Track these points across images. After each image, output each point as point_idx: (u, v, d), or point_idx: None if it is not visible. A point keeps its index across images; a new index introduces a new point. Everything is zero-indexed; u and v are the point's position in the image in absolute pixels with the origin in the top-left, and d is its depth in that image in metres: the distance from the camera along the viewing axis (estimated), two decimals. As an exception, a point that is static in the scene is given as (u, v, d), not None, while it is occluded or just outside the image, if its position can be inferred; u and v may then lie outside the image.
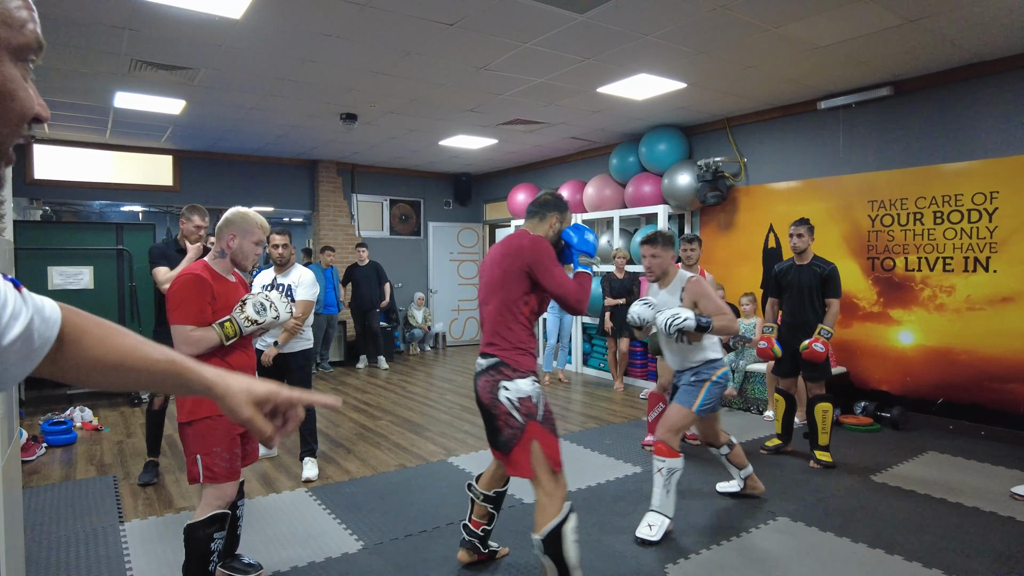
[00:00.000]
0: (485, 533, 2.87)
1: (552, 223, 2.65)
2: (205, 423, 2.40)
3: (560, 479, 2.39)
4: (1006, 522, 3.35)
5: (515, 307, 2.48)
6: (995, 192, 4.76)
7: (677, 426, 3.23)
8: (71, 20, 3.92)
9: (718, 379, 3.26)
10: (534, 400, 2.41)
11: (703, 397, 3.22)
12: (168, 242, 4.03)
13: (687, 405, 3.24)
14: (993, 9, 3.82)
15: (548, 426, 2.43)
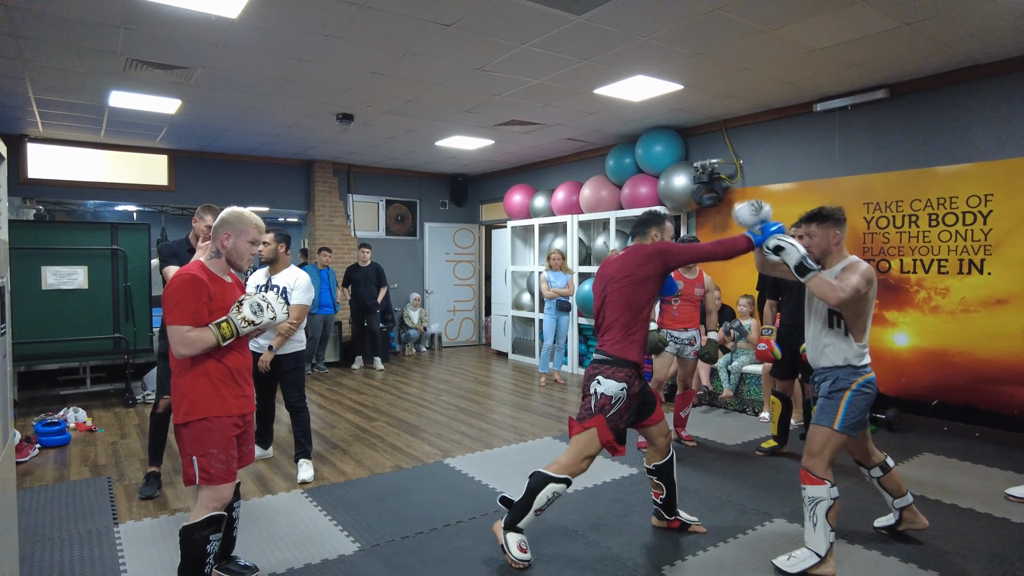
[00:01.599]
0: (663, 502, 3.22)
1: (652, 236, 3.14)
2: (201, 424, 2.39)
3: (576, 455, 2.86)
4: (1001, 523, 3.37)
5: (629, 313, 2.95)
6: (989, 195, 4.79)
7: (819, 449, 2.81)
8: (66, 18, 3.90)
9: (859, 387, 2.80)
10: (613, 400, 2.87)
11: (844, 411, 2.77)
12: (179, 241, 3.99)
13: (827, 423, 2.79)
14: (988, 13, 3.84)
15: (611, 425, 2.87)
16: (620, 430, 2.89)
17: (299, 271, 4.26)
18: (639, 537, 3.24)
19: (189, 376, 2.39)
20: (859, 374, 2.81)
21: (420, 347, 10.07)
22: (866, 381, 2.82)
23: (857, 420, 2.79)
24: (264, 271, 4.27)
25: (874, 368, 5.47)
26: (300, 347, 4.28)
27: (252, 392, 2.61)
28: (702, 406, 6.12)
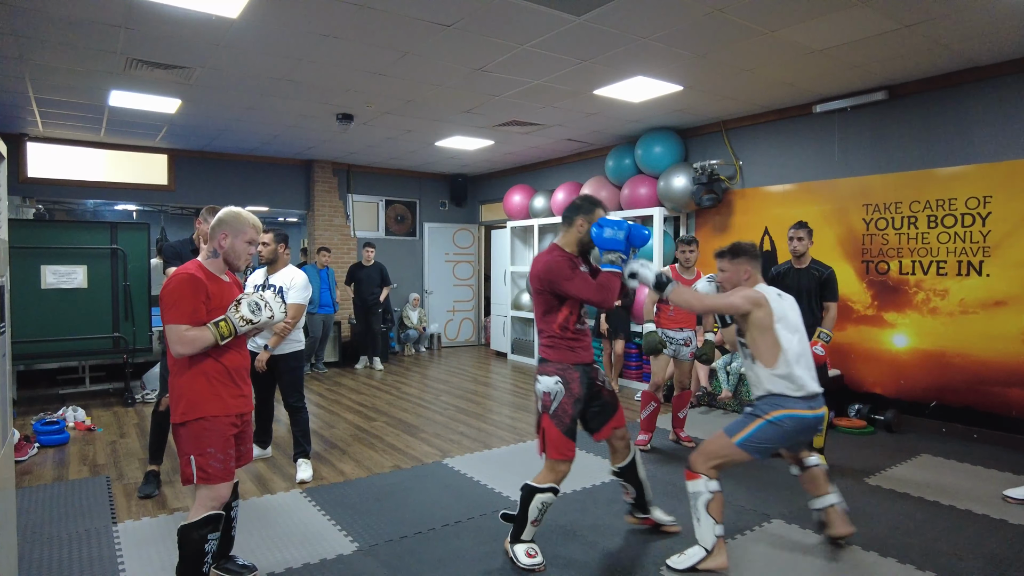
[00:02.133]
0: (635, 501, 3.28)
1: (579, 226, 2.99)
2: (199, 424, 2.39)
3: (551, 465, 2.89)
4: (999, 525, 3.37)
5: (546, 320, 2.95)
6: (988, 196, 4.79)
7: (710, 452, 2.84)
8: (67, 18, 3.90)
9: (775, 419, 2.74)
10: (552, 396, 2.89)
11: (750, 433, 2.76)
12: (183, 241, 4.00)
13: (730, 434, 2.82)
14: (987, 14, 3.85)
15: (557, 421, 2.87)
16: (567, 426, 2.86)
17: (296, 270, 4.27)
18: (637, 537, 3.24)
19: (187, 375, 2.40)
20: (778, 405, 2.75)
21: (419, 347, 10.07)
22: (785, 416, 2.73)
23: (763, 447, 2.77)
24: (262, 271, 4.28)
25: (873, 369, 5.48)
26: (299, 347, 4.29)
27: (250, 391, 2.61)
28: (701, 407, 6.13)
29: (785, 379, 2.77)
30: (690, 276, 4.81)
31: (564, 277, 2.82)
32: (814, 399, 2.81)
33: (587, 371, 2.99)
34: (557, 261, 2.88)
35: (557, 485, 2.89)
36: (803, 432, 2.81)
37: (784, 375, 2.77)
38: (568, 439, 2.87)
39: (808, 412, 2.77)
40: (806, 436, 2.88)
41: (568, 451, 2.87)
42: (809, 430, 2.83)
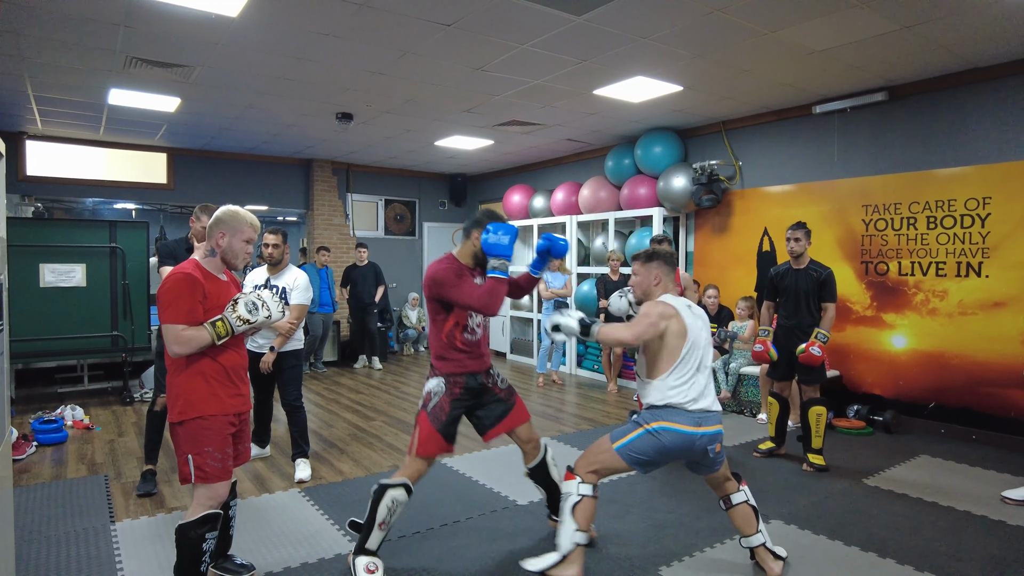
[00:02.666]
0: (549, 503, 3.30)
1: (474, 239, 3.02)
2: (196, 423, 2.38)
3: (412, 461, 2.86)
4: (997, 525, 3.37)
5: (435, 326, 2.98)
6: (988, 198, 4.79)
7: (593, 455, 2.74)
8: (66, 16, 3.90)
9: (655, 430, 2.60)
10: (433, 394, 2.93)
11: (629, 440, 2.64)
12: (178, 240, 3.98)
13: (612, 439, 2.71)
14: (987, 16, 3.85)
15: (432, 418, 2.87)
16: (443, 424, 2.86)
17: (298, 271, 4.27)
18: (636, 538, 3.24)
19: (184, 375, 2.39)
20: (660, 417, 2.61)
21: (418, 347, 10.07)
22: (664, 429, 2.59)
23: (640, 459, 2.62)
24: (263, 270, 4.27)
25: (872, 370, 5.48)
26: (298, 346, 4.30)
27: (248, 391, 2.61)
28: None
29: (673, 391, 2.63)
30: None
31: (450, 284, 2.83)
32: (705, 416, 2.63)
33: (475, 376, 2.98)
34: (444, 269, 2.89)
35: (412, 483, 2.83)
36: (685, 450, 2.62)
37: (673, 386, 2.64)
38: (440, 437, 2.85)
39: (692, 428, 2.59)
40: (691, 456, 2.67)
41: (434, 448, 2.84)
42: (693, 450, 2.62)
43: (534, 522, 3.43)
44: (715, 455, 2.68)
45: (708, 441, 2.63)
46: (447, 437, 2.89)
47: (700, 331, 2.74)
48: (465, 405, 2.98)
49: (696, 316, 2.77)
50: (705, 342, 2.75)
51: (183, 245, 3.89)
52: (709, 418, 2.65)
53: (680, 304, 2.75)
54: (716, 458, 2.70)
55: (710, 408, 2.67)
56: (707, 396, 2.69)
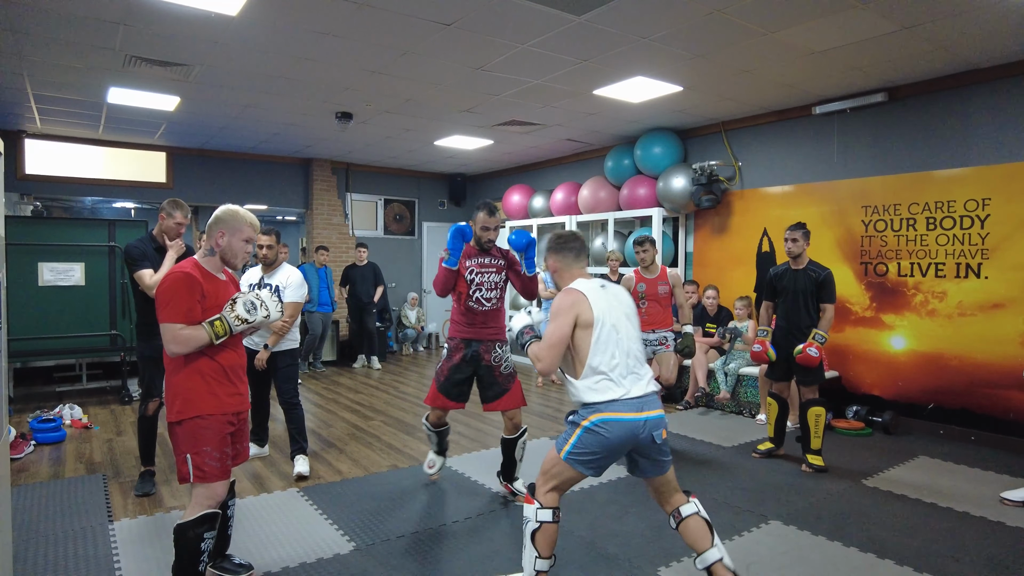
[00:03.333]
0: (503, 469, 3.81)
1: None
2: (195, 422, 2.38)
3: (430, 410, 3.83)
4: (996, 527, 3.37)
5: None
6: (987, 199, 4.79)
7: (544, 470, 2.55)
8: (66, 14, 3.89)
9: (591, 424, 2.39)
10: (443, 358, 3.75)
11: (573, 443, 2.43)
12: (144, 239, 3.65)
13: (557, 447, 2.51)
14: (987, 17, 3.85)
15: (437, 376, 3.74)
16: (441, 383, 3.68)
17: (292, 269, 4.30)
18: (635, 538, 3.23)
19: (183, 374, 2.39)
20: (593, 411, 2.40)
21: (417, 346, 10.07)
22: (600, 420, 2.37)
23: (589, 459, 2.42)
24: (258, 269, 4.28)
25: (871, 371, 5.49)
26: (293, 344, 4.31)
27: (246, 390, 2.60)
28: (699, 408, 6.12)
29: (601, 383, 2.42)
30: (652, 275, 4.81)
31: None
32: (645, 400, 2.42)
33: (475, 346, 3.63)
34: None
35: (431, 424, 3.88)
36: (630, 440, 2.40)
37: (594, 378, 2.43)
38: (439, 394, 3.68)
39: (635, 415, 2.38)
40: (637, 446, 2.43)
41: (436, 401, 3.70)
42: (638, 439, 2.40)
43: (533, 522, 3.43)
44: (663, 442, 2.45)
45: (653, 426, 2.41)
46: (447, 394, 3.68)
47: (612, 308, 2.51)
48: (465, 372, 3.65)
49: (611, 293, 2.56)
50: (625, 317, 2.53)
51: (151, 244, 3.63)
52: (650, 402, 2.44)
53: (589, 286, 2.54)
54: (663, 447, 2.46)
55: (646, 391, 2.44)
56: (640, 378, 2.47)
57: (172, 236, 3.59)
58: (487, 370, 3.64)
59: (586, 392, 2.43)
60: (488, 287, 3.64)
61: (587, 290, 2.52)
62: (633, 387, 2.44)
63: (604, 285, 2.59)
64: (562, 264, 2.69)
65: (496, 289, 3.69)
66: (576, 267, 2.68)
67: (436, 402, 3.69)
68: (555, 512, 2.55)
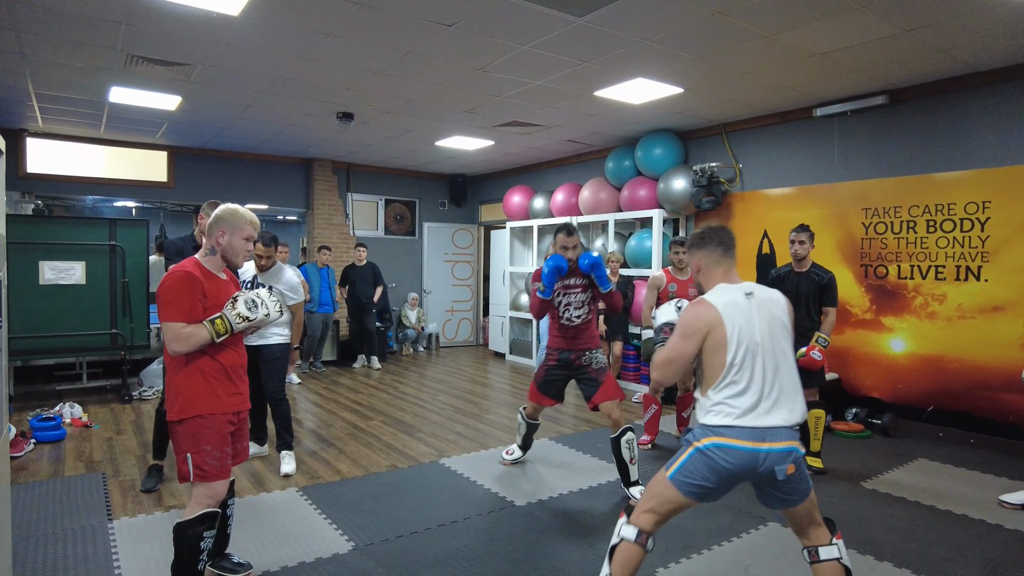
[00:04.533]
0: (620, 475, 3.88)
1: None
2: (195, 421, 2.39)
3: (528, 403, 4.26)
4: (994, 530, 3.37)
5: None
6: (987, 202, 4.80)
7: (647, 490, 2.33)
8: (67, 13, 3.90)
9: (706, 448, 2.16)
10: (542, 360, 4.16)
11: (680, 463, 2.22)
12: (185, 238, 3.96)
13: (666, 467, 2.28)
14: (988, 21, 3.85)
15: (536, 376, 4.16)
16: (539, 382, 4.10)
17: (287, 270, 4.36)
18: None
19: (183, 373, 2.39)
20: (709, 432, 2.18)
21: (417, 347, 10.07)
22: (714, 445, 2.15)
23: (697, 485, 2.19)
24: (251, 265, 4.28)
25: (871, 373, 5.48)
26: (283, 339, 4.31)
27: (247, 389, 2.61)
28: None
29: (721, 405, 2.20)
30: (684, 277, 4.81)
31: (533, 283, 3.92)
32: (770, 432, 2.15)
33: (567, 353, 3.96)
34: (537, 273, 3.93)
35: (526, 415, 4.31)
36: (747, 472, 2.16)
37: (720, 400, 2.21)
38: (538, 391, 4.11)
39: (753, 444, 2.13)
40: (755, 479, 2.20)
41: (534, 398, 4.15)
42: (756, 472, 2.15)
43: (532, 523, 3.43)
44: (787, 478, 2.14)
45: (777, 460, 2.12)
46: (543, 391, 4.10)
47: (753, 324, 2.20)
48: (559, 373, 4.01)
49: (756, 305, 2.23)
50: (769, 334, 2.20)
51: (190, 243, 3.87)
52: (776, 433, 2.14)
53: (723, 300, 2.23)
54: (791, 484, 2.18)
55: (775, 424, 2.14)
56: (775, 407, 2.16)
57: None
58: (580, 370, 3.95)
59: (706, 413, 2.21)
60: (576, 305, 3.94)
61: (723, 304, 2.21)
62: (765, 416, 2.15)
63: (751, 293, 2.26)
64: (706, 261, 2.36)
65: (584, 306, 3.95)
66: (724, 265, 2.34)
67: (534, 398, 4.13)
68: (642, 534, 2.27)
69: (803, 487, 2.22)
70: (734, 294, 2.24)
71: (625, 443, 3.74)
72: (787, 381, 2.21)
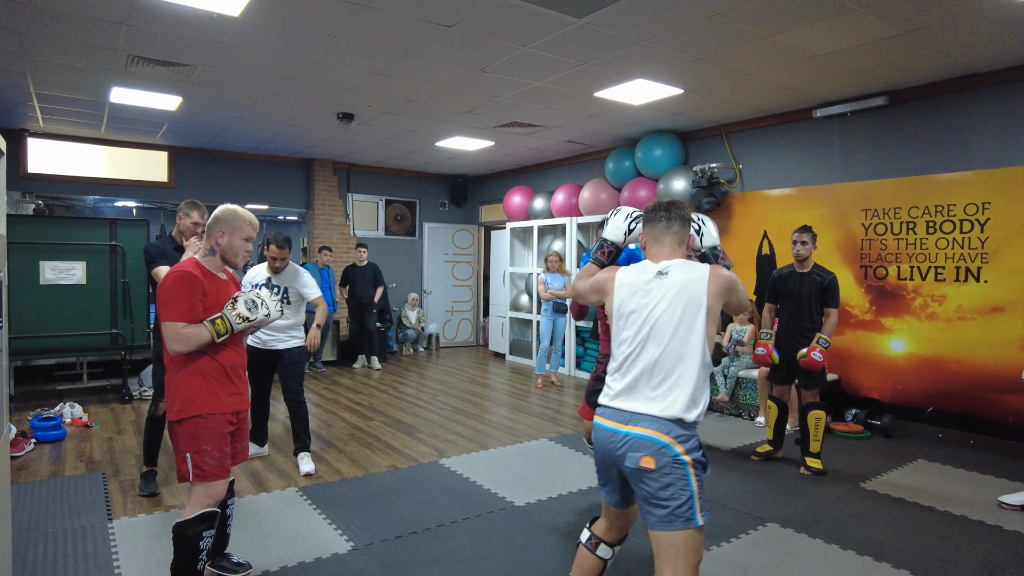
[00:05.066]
0: None
1: None
2: (195, 421, 2.39)
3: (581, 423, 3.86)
4: (993, 531, 3.38)
5: None
6: (987, 203, 4.80)
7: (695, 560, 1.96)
8: (69, 14, 3.91)
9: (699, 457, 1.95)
10: None
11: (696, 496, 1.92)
12: (164, 239, 3.92)
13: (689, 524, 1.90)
14: (987, 22, 3.86)
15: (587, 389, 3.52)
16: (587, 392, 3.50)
17: (299, 268, 4.37)
18: (632, 539, 3.23)
19: (183, 373, 2.40)
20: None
21: (417, 347, 10.07)
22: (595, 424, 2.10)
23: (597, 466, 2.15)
24: (263, 268, 4.32)
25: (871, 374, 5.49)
26: (300, 342, 4.36)
27: (246, 390, 2.61)
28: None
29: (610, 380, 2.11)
30: None
31: None
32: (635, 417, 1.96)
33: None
34: None
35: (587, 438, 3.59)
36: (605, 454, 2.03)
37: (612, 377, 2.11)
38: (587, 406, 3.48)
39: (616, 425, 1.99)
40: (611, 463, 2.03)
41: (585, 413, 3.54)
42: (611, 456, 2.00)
43: (531, 523, 3.44)
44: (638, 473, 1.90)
45: (633, 446, 1.91)
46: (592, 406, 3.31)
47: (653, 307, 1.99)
48: None
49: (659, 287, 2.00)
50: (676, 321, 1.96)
51: (170, 244, 3.78)
52: (642, 420, 1.93)
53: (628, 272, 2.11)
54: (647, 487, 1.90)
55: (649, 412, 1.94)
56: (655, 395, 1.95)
57: (189, 235, 3.68)
58: None
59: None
60: None
61: (622, 275, 2.10)
62: (640, 402, 1.96)
63: (665, 272, 2.02)
64: (649, 237, 2.15)
65: None
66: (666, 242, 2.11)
67: (585, 414, 3.57)
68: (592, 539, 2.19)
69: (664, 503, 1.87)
70: (647, 272, 2.06)
71: None
72: (681, 370, 1.95)
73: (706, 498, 1.96)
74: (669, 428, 1.91)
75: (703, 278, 1.99)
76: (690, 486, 1.88)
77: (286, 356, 4.28)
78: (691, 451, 1.91)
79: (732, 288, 2.04)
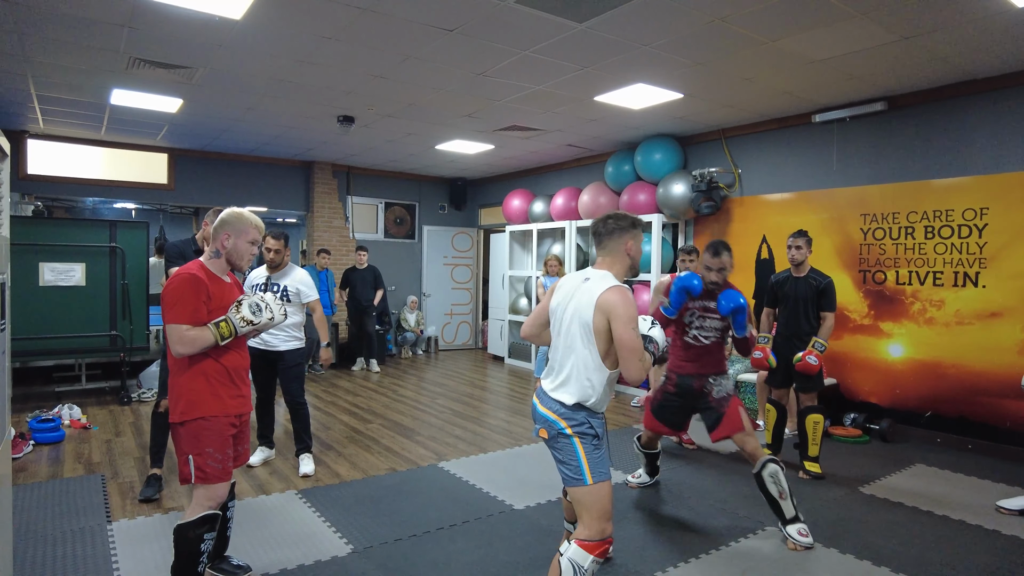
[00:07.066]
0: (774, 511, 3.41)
1: None
2: (198, 423, 2.40)
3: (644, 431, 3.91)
4: (991, 535, 3.38)
5: None
6: (985, 208, 4.82)
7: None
8: (70, 16, 3.91)
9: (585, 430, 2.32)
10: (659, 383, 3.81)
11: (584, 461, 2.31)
12: (186, 241, 3.98)
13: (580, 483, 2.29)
14: (986, 28, 3.88)
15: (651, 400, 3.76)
16: (654, 407, 3.70)
17: (299, 269, 4.39)
18: (633, 542, 3.24)
19: (186, 375, 2.40)
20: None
21: (416, 350, 10.07)
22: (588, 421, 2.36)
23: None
24: (262, 269, 4.32)
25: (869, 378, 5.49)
26: (300, 344, 4.37)
27: (249, 392, 2.62)
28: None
29: None
30: None
31: None
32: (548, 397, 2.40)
33: (688, 378, 3.58)
34: None
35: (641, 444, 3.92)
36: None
37: None
38: (652, 417, 3.71)
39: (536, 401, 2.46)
40: None
41: (649, 424, 3.74)
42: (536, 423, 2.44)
43: (530, 527, 3.44)
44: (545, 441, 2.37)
45: (537, 420, 2.40)
46: (659, 419, 3.69)
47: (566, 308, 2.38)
48: (677, 400, 3.63)
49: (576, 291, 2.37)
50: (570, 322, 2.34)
51: (191, 246, 3.88)
52: (550, 401, 2.37)
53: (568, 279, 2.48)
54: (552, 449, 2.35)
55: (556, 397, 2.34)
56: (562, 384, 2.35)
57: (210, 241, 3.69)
58: (700, 396, 3.53)
59: None
60: (708, 329, 3.56)
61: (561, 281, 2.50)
62: (554, 387, 2.38)
63: (588, 279, 2.38)
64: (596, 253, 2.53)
65: (716, 330, 3.56)
66: (602, 255, 2.47)
67: (649, 424, 3.73)
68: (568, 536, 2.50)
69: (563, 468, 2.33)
70: (578, 278, 2.44)
71: (769, 477, 3.23)
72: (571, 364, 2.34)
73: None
74: (559, 409, 2.34)
75: (594, 297, 2.28)
76: (576, 453, 2.29)
77: (287, 357, 4.28)
78: (576, 426, 2.31)
79: (612, 314, 2.23)
